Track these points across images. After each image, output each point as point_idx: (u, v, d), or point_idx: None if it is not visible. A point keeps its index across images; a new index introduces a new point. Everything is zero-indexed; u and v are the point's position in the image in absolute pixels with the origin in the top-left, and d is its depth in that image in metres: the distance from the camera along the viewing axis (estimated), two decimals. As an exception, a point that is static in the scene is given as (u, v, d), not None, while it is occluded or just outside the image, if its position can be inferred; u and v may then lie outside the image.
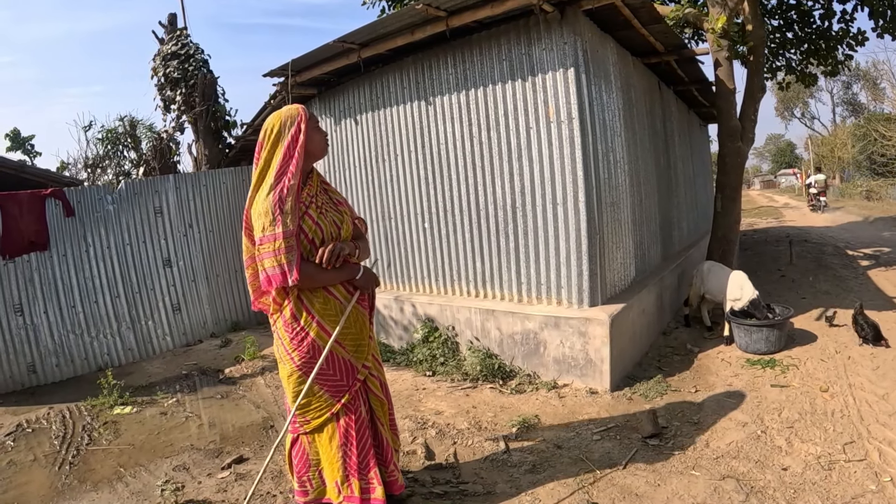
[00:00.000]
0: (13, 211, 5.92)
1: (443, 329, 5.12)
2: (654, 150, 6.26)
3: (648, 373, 4.50)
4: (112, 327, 6.40)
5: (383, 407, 2.58)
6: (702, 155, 10.82)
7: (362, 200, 6.02)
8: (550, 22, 4.26)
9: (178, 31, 7.61)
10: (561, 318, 4.28)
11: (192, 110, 7.22)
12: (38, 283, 6.01)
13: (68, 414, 4.79)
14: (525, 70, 4.44)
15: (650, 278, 5.45)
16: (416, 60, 5.19)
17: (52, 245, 6.10)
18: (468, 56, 4.78)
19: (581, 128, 4.22)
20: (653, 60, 5.98)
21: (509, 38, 4.52)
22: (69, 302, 6.16)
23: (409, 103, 5.31)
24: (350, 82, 5.87)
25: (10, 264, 5.87)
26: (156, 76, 7.50)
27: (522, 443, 3.43)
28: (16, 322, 5.87)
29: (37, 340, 5.96)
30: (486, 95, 4.71)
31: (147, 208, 6.71)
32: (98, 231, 6.38)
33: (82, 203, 6.34)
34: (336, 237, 2.42)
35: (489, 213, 4.83)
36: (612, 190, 4.68)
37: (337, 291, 2.42)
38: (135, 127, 9.14)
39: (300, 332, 2.36)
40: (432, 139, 5.17)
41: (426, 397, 4.33)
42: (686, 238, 7.96)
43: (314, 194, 2.44)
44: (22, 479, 3.70)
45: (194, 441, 3.95)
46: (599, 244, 4.38)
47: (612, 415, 3.75)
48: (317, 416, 2.39)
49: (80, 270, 6.25)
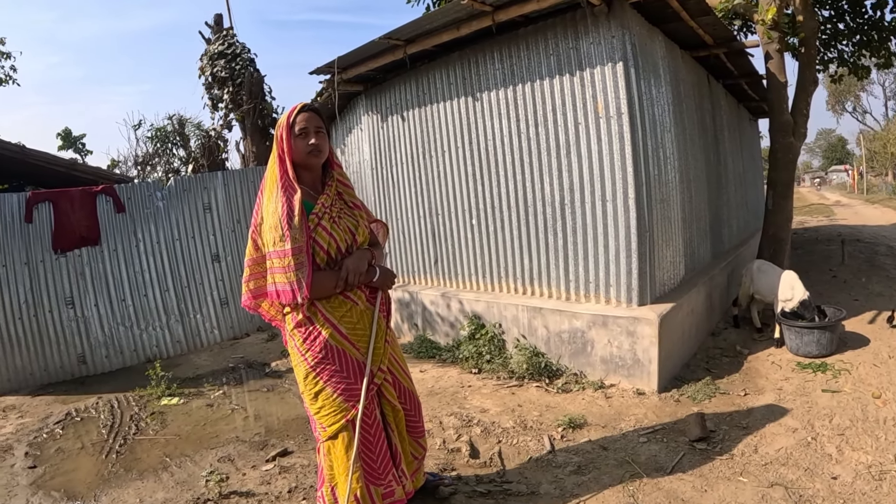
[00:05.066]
0: (65, 207, 6.12)
1: (489, 326, 5.06)
2: (704, 146, 6.08)
3: (697, 374, 4.38)
4: (161, 320, 6.55)
5: (397, 415, 2.47)
6: (752, 151, 10.49)
7: (409, 197, 6.02)
8: (598, 15, 4.16)
9: (225, 31, 7.74)
10: (609, 317, 4.19)
11: (239, 108, 7.34)
12: (90, 277, 6.19)
13: (116, 404, 4.92)
14: (573, 65, 4.35)
15: (700, 277, 5.29)
16: (462, 56, 5.15)
17: (104, 240, 6.28)
18: (515, 51, 4.71)
19: (630, 123, 4.11)
20: (702, 54, 5.80)
21: (556, 33, 4.43)
22: (119, 295, 6.34)
23: (456, 99, 5.28)
24: (396, 79, 5.86)
25: (62, 258, 6.06)
26: (203, 75, 7.65)
27: (568, 443, 3.37)
28: (67, 314, 6.06)
29: (87, 332, 6.14)
30: (533, 91, 4.64)
31: (196, 204, 6.83)
32: (148, 226, 6.53)
33: (133, 199, 6.50)
34: (351, 244, 2.37)
35: (537, 210, 4.76)
36: (661, 187, 4.56)
37: (351, 292, 2.37)
38: (183, 125, 9.35)
39: (312, 332, 2.30)
40: (479, 135, 5.13)
41: (471, 395, 4.29)
42: (736, 236, 7.73)
43: (329, 204, 2.36)
44: (69, 466, 3.80)
45: (239, 433, 3.99)
46: (649, 242, 4.26)
47: (660, 417, 3.65)
48: (332, 423, 2.30)
49: (130, 265, 6.42)
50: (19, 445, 4.22)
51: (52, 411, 4.95)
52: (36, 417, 4.84)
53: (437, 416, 3.86)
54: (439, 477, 2.93)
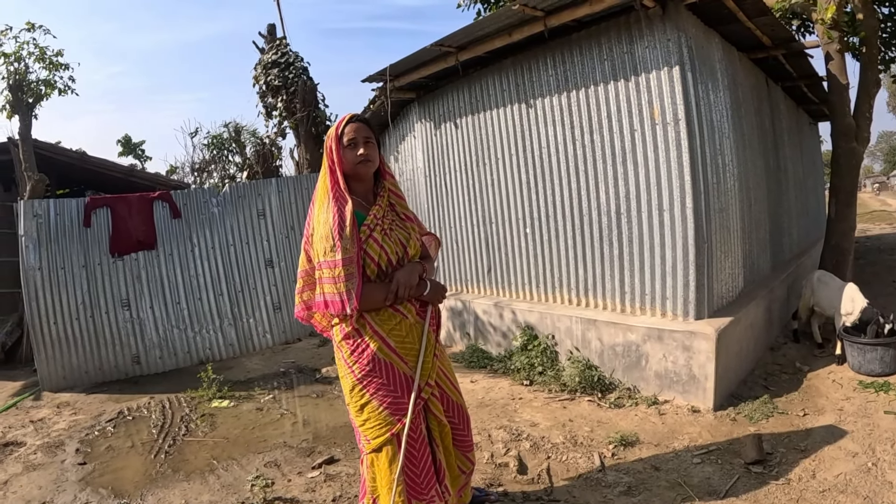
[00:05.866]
0: (122, 212, 6.33)
1: (542, 337, 4.97)
2: (763, 152, 5.84)
3: (754, 392, 4.18)
4: (214, 323, 6.70)
5: (443, 430, 2.41)
6: (812, 156, 10.05)
7: (463, 205, 5.99)
8: (652, 18, 4.04)
9: (278, 41, 7.88)
10: (665, 331, 4.04)
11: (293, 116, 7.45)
12: (145, 280, 6.39)
13: (168, 404, 5.03)
14: (628, 69, 4.24)
15: (759, 289, 5.07)
16: (515, 62, 5.08)
17: (160, 244, 6.47)
18: (568, 56, 4.62)
19: (688, 129, 3.97)
20: (760, 55, 5.58)
21: (610, 37, 4.33)
22: (174, 298, 6.51)
23: (509, 106, 5.22)
24: (449, 86, 5.85)
25: (118, 262, 6.28)
26: (257, 84, 7.80)
27: (618, 461, 3.25)
28: (123, 315, 6.26)
29: (142, 333, 6.33)
30: (587, 97, 4.54)
31: (250, 210, 6.97)
32: (203, 232, 6.70)
33: (188, 205, 6.69)
34: (402, 257, 2.33)
35: (592, 219, 4.65)
36: (720, 195, 4.39)
37: (401, 306, 2.33)
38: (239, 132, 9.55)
39: (361, 345, 2.27)
40: (533, 143, 5.05)
41: (522, 407, 4.21)
42: (797, 245, 7.41)
43: (381, 215, 2.33)
44: (118, 464, 3.89)
45: (287, 438, 4.01)
46: (707, 253, 4.10)
47: (714, 436, 3.49)
48: (376, 436, 2.26)
49: (185, 269, 6.59)
50: (71, 442, 4.37)
51: (105, 409, 5.10)
52: (89, 415, 5.00)
53: (486, 429, 3.79)
54: (486, 493, 2.88)
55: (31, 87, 7.25)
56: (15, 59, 7.08)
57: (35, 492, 3.55)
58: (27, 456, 4.14)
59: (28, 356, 6.61)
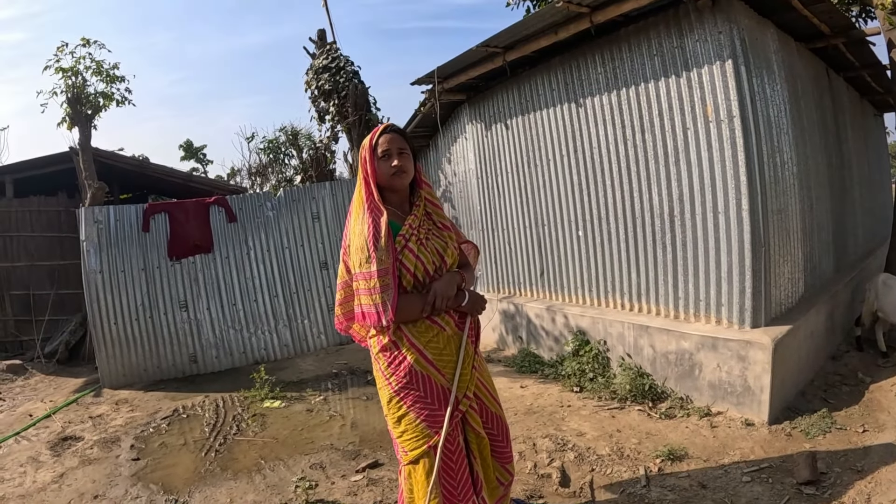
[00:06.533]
0: (180, 217, 6.57)
1: (594, 343, 4.87)
2: (825, 147, 5.54)
3: (812, 405, 3.95)
4: (270, 324, 6.86)
5: (481, 442, 2.35)
6: (878, 149, 9.47)
7: (514, 207, 5.95)
8: (701, 10, 3.88)
9: (328, 46, 7.95)
10: (719, 340, 3.87)
11: (345, 120, 7.51)
12: (202, 283, 6.61)
13: (221, 403, 5.18)
14: (678, 65, 4.09)
15: (820, 295, 4.81)
16: (563, 61, 5.00)
17: (216, 248, 6.69)
18: (617, 53, 4.51)
19: (743, 126, 3.79)
20: (818, 45, 5.29)
21: (659, 31, 4.19)
22: (230, 300, 6.72)
23: (559, 106, 5.14)
24: (498, 86, 5.81)
25: (176, 265, 6.51)
26: (309, 89, 7.90)
27: (664, 477, 3.13)
28: (181, 316, 6.50)
29: (199, 333, 6.55)
30: (638, 94, 4.41)
31: (305, 213, 7.09)
32: (259, 235, 6.88)
33: (244, 209, 6.88)
34: (439, 266, 2.29)
35: (645, 222, 4.51)
36: (778, 196, 4.17)
37: (438, 317, 2.29)
38: (296, 136, 9.71)
39: (397, 357, 2.25)
40: (584, 143, 4.96)
41: (570, 416, 4.12)
42: (862, 246, 6.99)
43: (417, 225, 2.29)
44: (170, 460, 4.03)
45: (334, 441, 4.06)
46: (764, 257, 3.90)
47: (767, 452, 3.31)
48: (413, 448, 2.23)
49: (241, 271, 6.79)
50: (126, 438, 4.56)
51: (161, 407, 5.30)
52: (145, 412, 5.21)
53: (531, 438, 3.73)
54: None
55: (90, 99, 7.58)
56: (72, 73, 7.41)
57: (89, 485, 3.71)
58: (84, 450, 4.34)
59: (91, 354, 6.92)
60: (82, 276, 6.24)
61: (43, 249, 8.72)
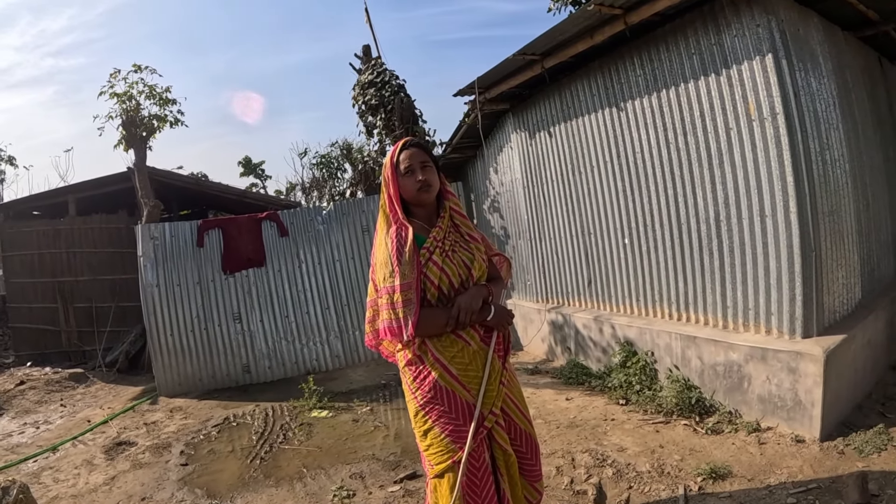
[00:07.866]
0: (233, 232, 6.83)
1: (641, 354, 4.74)
2: (881, 141, 5.18)
3: (869, 420, 3.67)
4: (321, 336, 7.03)
5: (508, 459, 2.31)
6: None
7: (561, 216, 5.91)
8: (738, 3, 3.73)
9: (373, 61, 8.09)
10: (769, 351, 3.68)
11: (392, 133, 7.61)
12: (255, 295, 6.84)
13: (271, 412, 5.34)
14: (717, 62, 3.94)
15: (879, 300, 4.49)
16: (602, 65, 4.92)
17: (268, 261, 6.92)
18: (655, 54, 4.40)
19: (787, 124, 3.60)
20: (868, 33, 4.93)
21: (695, 29, 4.05)
22: (283, 312, 6.92)
23: (600, 111, 5.07)
24: (540, 94, 5.78)
25: (230, 279, 6.77)
26: (356, 104, 8.05)
27: (705, 496, 2.99)
28: (234, 328, 6.74)
29: (252, 345, 6.78)
30: (678, 95, 4.28)
31: (355, 227, 7.21)
32: (310, 248, 7.06)
33: (295, 224, 7.09)
34: (466, 279, 2.26)
35: (691, 227, 4.37)
36: (829, 196, 3.93)
37: (463, 332, 2.26)
38: (350, 150, 9.87)
39: (422, 371, 2.24)
40: (626, 148, 4.86)
41: (612, 430, 4.02)
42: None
43: (441, 237, 2.28)
44: (217, 466, 4.20)
45: (376, 451, 4.12)
46: (815, 263, 3.69)
47: (816, 472, 3.12)
48: (438, 462, 2.22)
49: (293, 284, 6.98)
50: (177, 444, 4.77)
51: (213, 415, 5.51)
52: (198, 420, 5.43)
53: (570, 452, 3.67)
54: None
55: (144, 122, 7.98)
56: (126, 98, 7.82)
57: (137, 488, 3.92)
58: (136, 455, 4.58)
59: (149, 364, 7.24)
60: (139, 290, 6.56)
61: (104, 264, 9.26)
